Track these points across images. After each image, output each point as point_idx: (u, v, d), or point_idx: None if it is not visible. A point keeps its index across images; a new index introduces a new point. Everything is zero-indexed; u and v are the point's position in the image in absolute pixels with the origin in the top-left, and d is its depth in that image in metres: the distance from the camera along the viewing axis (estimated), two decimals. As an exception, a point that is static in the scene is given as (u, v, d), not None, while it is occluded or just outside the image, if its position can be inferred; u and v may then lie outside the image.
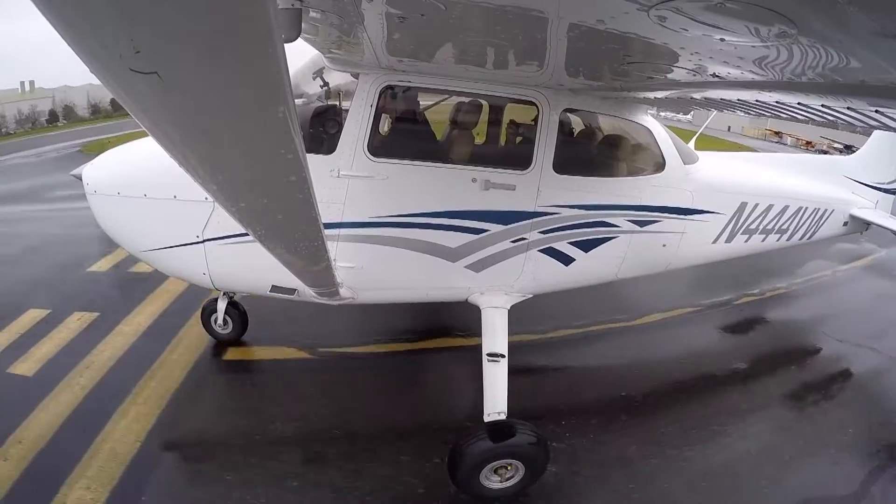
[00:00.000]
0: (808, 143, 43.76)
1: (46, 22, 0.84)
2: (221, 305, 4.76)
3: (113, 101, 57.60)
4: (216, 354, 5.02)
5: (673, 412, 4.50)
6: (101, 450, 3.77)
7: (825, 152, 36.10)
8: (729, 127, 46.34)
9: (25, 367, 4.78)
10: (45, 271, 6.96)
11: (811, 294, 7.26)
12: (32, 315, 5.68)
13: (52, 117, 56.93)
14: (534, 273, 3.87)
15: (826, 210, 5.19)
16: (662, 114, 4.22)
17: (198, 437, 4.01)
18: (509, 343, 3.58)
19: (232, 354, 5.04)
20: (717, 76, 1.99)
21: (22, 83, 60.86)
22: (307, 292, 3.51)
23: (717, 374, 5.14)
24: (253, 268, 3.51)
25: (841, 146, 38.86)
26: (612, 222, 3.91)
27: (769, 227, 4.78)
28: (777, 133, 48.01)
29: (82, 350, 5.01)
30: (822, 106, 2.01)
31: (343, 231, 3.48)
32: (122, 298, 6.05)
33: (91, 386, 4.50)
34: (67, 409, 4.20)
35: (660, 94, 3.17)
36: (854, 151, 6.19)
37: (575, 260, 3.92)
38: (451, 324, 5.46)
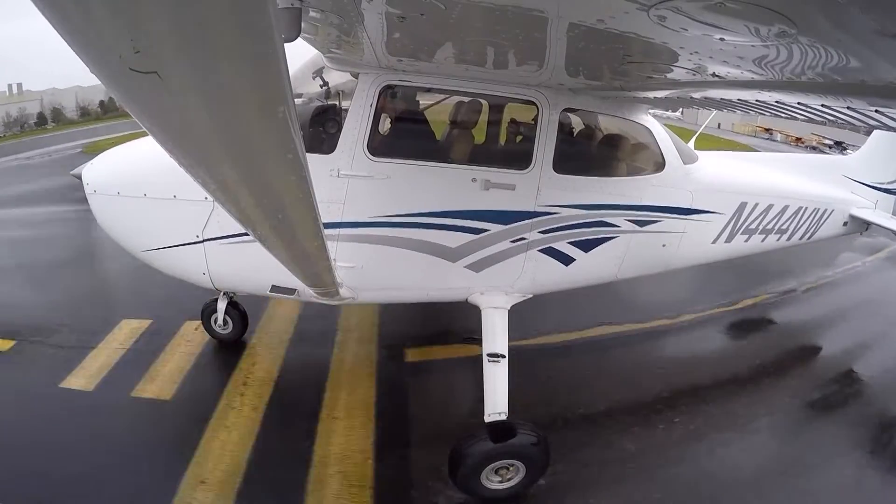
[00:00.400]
0: (798, 139, 43.59)
1: (34, 24, 0.84)
2: (221, 305, 4.74)
3: (102, 103, 57.66)
4: (394, 358, 4.82)
5: (804, 372, 5.49)
6: (326, 476, 3.29)
7: (815, 148, 36.07)
8: (719, 124, 46.14)
9: (156, 389, 4.15)
10: (116, 276, 6.05)
11: (853, 282, 8.17)
12: (130, 327, 5.04)
13: (41, 120, 56.56)
14: (534, 273, 3.87)
15: (826, 210, 5.18)
16: (650, 111, 4.24)
17: (439, 442, 3.64)
18: (651, 328, 5.25)
19: (413, 356, 4.88)
20: (717, 76, 1.99)
21: (10, 86, 60.76)
22: (307, 292, 3.50)
23: (818, 345, 6.10)
24: (253, 268, 3.51)
25: (831, 142, 38.87)
26: (611, 222, 3.91)
27: (769, 227, 4.78)
28: (767, 130, 47.87)
29: (224, 364, 4.47)
30: (822, 106, 2.01)
31: (343, 231, 3.48)
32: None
33: (263, 405, 4.00)
34: (246, 434, 3.67)
35: (660, 94, 3.16)
36: (845, 147, 6.36)
37: (575, 260, 3.92)
38: (611, 311, 6.04)
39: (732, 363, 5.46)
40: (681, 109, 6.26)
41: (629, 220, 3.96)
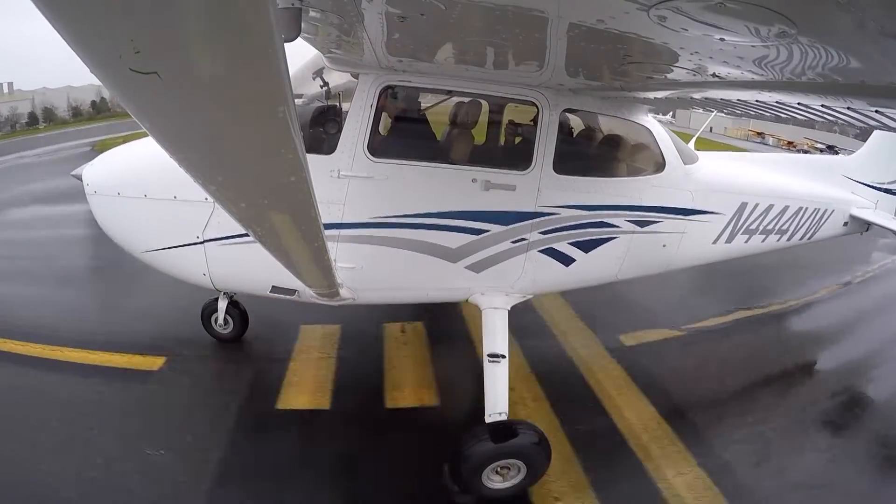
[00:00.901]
0: (790, 143, 43.49)
1: (26, 23, 0.84)
2: (222, 305, 4.74)
3: (94, 104, 57.40)
4: (613, 345, 5.22)
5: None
6: (644, 443, 3.67)
7: (806, 152, 36.16)
8: (711, 128, 45.93)
9: (412, 396, 3.96)
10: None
11: (891, 276, 8.95)
12: (320, 333, 4.65)
13: (32, 120, 56.13)
14: (534, 273, 3.87)
15: (826, 210, 5.18)
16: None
17: (708, 403, 4.30)
18: (771, 312, 6.20)
19: (628, 341, 5.39)
20: (717, 76, 1.99)
21: (0, 85, 60.43)
22: (307, 293, 3.51)
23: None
24: (253, 268, 3.51)
25: (822, 146, 38.89)
26: (612, 222, 3.91)
27: (769, 227, 4.78)
28: (759, 133, 47.86)
29: (462, 363, 4.33)
30: (823, 106, 2.01)
31: (343, 231, 3.48)
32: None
33: (542, 396, 4.18)
34: (550, 428, 3.72)
35: (660, 95, 3.16)
36: (836, 152, 6.47)
37: (575, 260, 3.92)
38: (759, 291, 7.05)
39: (836, 335, 6.30)
40: (672, 112, 6.36)
41: (629, 221, 3.96)
